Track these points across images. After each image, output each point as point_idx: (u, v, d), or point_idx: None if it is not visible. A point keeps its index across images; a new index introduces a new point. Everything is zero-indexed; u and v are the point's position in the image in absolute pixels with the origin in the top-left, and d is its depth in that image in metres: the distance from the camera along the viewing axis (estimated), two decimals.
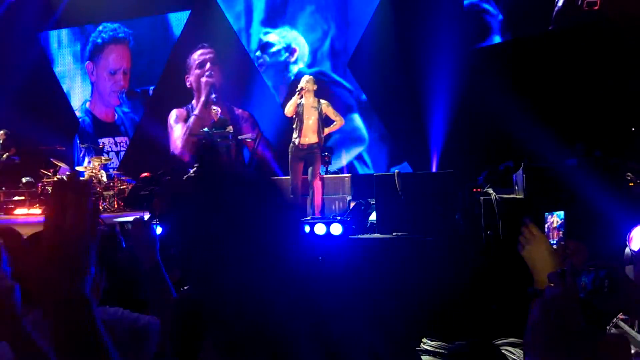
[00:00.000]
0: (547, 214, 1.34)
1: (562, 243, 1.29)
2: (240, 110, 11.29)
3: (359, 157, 10.12)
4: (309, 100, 5.64)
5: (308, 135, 5.61)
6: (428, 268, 3.63)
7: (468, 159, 7.49)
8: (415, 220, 3.85)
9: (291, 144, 5.71)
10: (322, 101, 5.71)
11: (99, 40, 12.71)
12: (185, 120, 12.02)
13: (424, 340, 3.10)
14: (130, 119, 12.72)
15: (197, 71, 11.88)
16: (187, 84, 12.02)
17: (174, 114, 12.17)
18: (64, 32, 13.40)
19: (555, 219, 1.33)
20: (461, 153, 7.92)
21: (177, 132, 11.98)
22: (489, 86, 8.10)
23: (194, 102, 11.88)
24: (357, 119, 10.09)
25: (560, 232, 1.31)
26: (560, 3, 8.35)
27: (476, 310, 3.35)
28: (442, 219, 3.76)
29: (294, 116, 5.68)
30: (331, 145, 9.84)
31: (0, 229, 0.87)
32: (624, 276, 1.10)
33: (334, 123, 5.80)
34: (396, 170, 4.12)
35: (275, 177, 7.03)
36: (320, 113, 5.62)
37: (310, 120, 5.59)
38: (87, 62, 12.89)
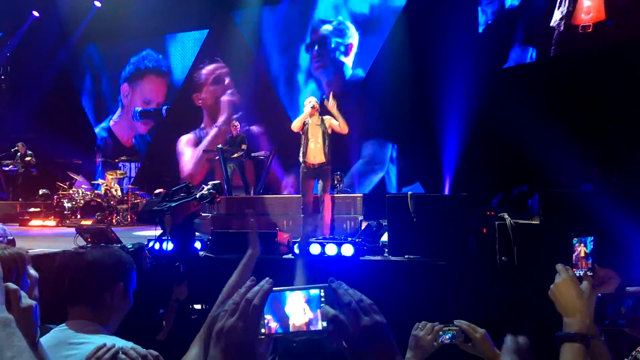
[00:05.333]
0: (575, 241, 1.29)
1: (590, 274, 1.24)
2: (255, 127, 11.36)
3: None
4: (314, 120, 5.71)
5: (316, 154, 5.68)
6: (440, 293, 3.57)
7: (481, 181, 7.44)
8: (427, 243, 3.80)
9: (301, 164, 5.76)
10: (325, 117, 5.77)
11: (142, 66, 12.90)
12: (195, 144, 12.12)
13: None
14: (145, 140, 12.92)
15: (212, 88, 11.98)
16: (198, 102, 12.09)
17: (183, 139, 12.26)
18: (87, 48, 13.73)
19: (583, 248, 1.28)
20: (474, 175, 7.87)
21: (187, 156, 11.97)
22: (502, 109, 8.07)
23: (203, 125, 11.94)
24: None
25: (589, 263, 1.27)
26: (561, 27, 8.35)
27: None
28: (455, 243, 3.70)
29: (301, 134, 5.75)
30: (353, 172, 9.92)
31: None
32: None
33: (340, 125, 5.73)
34: (409, 192, 4.09)
35: (286, 195, 7.02)
36: (324, 131, 5.68)
37: (317, 140, 5.66)
38: (124, 84, 13.10)
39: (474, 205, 4.22)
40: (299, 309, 0.81)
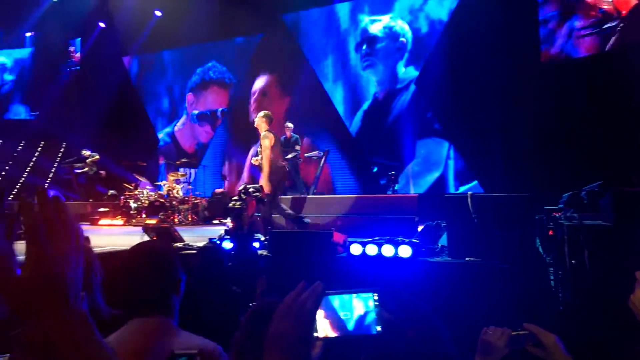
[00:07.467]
0: None
1: None
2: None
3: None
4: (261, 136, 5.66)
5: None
6: (503, 297, 3.44)
7: (547, 179, 7.08)
8: (489, 245, 3.67)
9: None
10: (263, 134, 5.67)
11: (206, 77, 13.44)
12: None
13: None
14: (206, 148, 13.41)
15: (263, 98, 12.17)
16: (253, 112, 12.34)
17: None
18: (149, 57, 14.44)
19: None
20: (538, 173, 7.51)
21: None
22: (569, 103, 7.66)
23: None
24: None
25: None
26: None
27: None
28: (520, 245, 3.55)
29: None
30: (409, 170, 9.76)
31: None
32: None
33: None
34: (469, 192, 3.97)
35: (340, 195, 7.03)
36: (259, 149, 5.59)
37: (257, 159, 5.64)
38: (189, 93, 13.71)
39: (539, 205, 4.03)
40: (352, 312, 0.79)
